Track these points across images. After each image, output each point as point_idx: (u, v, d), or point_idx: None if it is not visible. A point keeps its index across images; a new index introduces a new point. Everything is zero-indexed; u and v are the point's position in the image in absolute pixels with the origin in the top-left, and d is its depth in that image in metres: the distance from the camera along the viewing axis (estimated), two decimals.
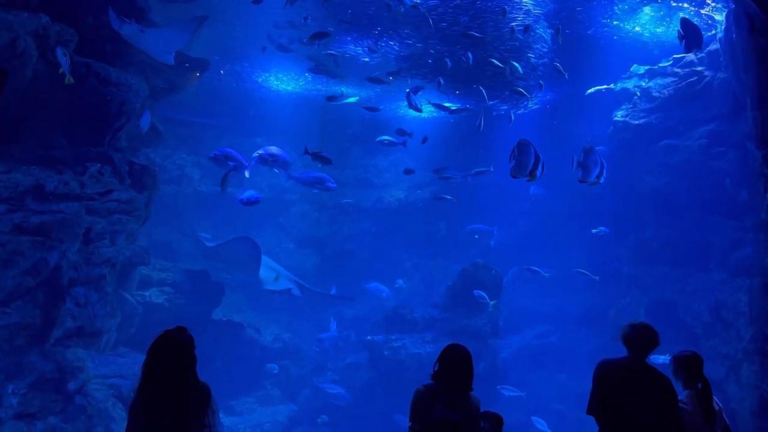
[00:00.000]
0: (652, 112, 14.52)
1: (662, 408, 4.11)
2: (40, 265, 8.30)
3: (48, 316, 8.54)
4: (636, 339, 4.34)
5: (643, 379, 4.21)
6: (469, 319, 14.53)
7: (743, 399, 10.62)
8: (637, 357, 4.32)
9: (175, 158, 16.73)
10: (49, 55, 8.72)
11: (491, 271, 15.07)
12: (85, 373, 9.01)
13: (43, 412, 8.43)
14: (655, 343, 4.35)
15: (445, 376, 4.07)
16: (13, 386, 8.19)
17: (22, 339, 8.35)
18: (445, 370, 4.09)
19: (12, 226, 7.95)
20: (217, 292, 13.82)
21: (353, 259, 18.43)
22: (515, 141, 7.53)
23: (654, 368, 4.30)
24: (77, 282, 8.96)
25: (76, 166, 8.89)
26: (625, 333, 4.40)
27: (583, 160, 7.94)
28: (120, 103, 9.55)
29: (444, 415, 3.81)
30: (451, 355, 4.16)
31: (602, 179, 8.10)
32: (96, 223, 8.97)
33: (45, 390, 8.58)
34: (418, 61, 13.88)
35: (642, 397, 4.14)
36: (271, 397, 14.04)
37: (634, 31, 13.18)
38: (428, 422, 3.86)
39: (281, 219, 18.56)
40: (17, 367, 8.29)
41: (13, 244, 7.95)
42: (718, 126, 13.15)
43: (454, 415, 3.81)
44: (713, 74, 13.35)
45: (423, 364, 13.08)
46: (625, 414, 4.16)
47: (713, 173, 12.98)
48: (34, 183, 8.25)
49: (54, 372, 8.72)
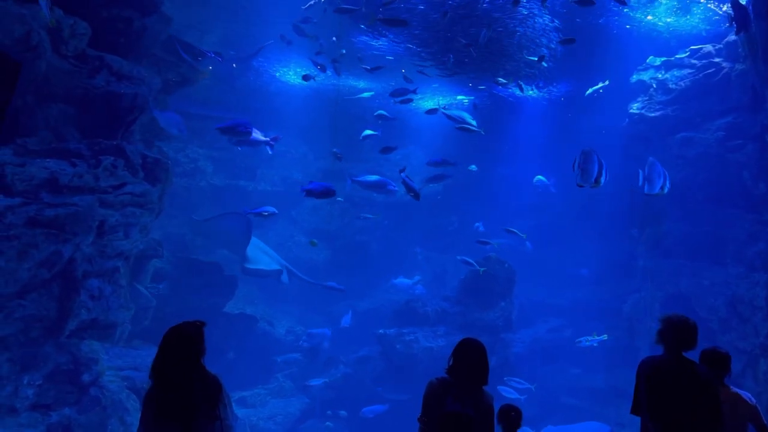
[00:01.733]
0: (668, 105, 14.32)
1: (703, 403, 3.99)
2: (54, 258, 8.35)
3: (62, 308, 8.60)
4: (669, 335, 4.20)
5: (683, 375, 4.08)
6: (482, 312, 14.49)
7: (760, 394, 10.51)
8: (674, 353, 4.18)
9: (189, 151, 16.80)
10: (62, 49, 8.76)
11: (504, 264, 15.03)
12: (99, 365, 9.08)
13: (58, 403, 8.51)
14: (690, 339, 4.17)
15: (459, 370, 4.02)
16: (28, 377, 8.27)
17: (38, 331, 8.42)
18: (459, 364, 4.04)
19: (26, 218, 7.99)
20: (229, 284, 13.88)
21: (365, 252, 18.43)
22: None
23: (693, 363, 4.16)
24: (91, 274, 9.00)
25: (90, 159, 8.93)
26: (660, 328, 4.26)
27: (582, 162, 7.77)
28: (133, 97, 9.56)
29: (454, 409, 3.76)
30: (466, 348, 4.11)
31: (602, 181, 7.92)
32: (110, 216, 9.00)
33: (60, 381, 8.66)
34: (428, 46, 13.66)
35: (683, 393, 4.03)
36: (284, 390, 14.10)
37: (648, 20, 12.97)
38: (438, 415, 3.82)
39: (293, 212, 18.59)
40: (33, 359, 8.36)
41: (28, 236, 7.99)
42: (736, 118, 12.94)
43: (465, 408, 3.75)
44: (731, 66, 13.13)
45: (435, 358, 13.07)
46: (669, 411, 4.05)
47: (731, 166, 12.78)
48: (48, 176, 8.29)
49: (69, 363, 8.79)
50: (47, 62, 8.62)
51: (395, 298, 16.20)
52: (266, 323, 15.47)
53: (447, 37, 13.02)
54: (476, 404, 3.85)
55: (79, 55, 9.08)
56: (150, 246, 11.54)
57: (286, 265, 15.14)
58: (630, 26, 13.17)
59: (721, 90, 13.27)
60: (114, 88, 9.36)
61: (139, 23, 9.97)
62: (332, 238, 18.55)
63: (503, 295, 14.88)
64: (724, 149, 13.00)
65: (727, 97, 13.15)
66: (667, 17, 12.80)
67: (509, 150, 17.69)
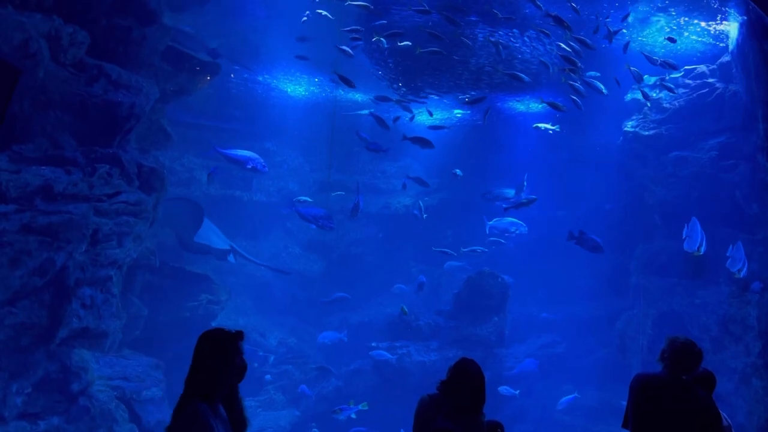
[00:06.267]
0: (662, 123, 14.45)
1: (701, 427, 3.98)
2: (47, 266, 8.32)
3: (54, 317, 8.55)
4: (671, 356, 4.19)
5: (679, 397, 4.06)
6: (475, 327, 14.46)
7: (751, 413, 10.52)
8: (673, 373, 4.17)
9: (184, 161, 16.77)
10: (61, 57, 8.78)
11: (497, 279, 15.01)
12: (89, 374, 9.03)
13: (46, 412, 8.45)
14: (690, 364, 4.15)
15: (451, 396, 3.76)
16: (17, 385, 8.21)
17: (28, 339, 8.36)
18: (452, 390, 3.77)
19: (20, 225, 7.97)
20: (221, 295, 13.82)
21: (360, 264, 18.39)
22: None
23: (691, 386, 4.13)
24: (84, 283, 8.97)
25: (86, 167, 8.93)
26: (664, 347, 4.26)
27: (689, 231, 9.42)
28: (130, 105, 9.58)
29: (444, 426, 3.67)
30: (461, 374, 3.76)
31: (703, 250, 10.01)
32: (103, 224, 8.99)
33: (49, 390, 8.60)
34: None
35: (677, 415, 4.02)
36: (275, 402, 14.02)
37: (643, 41, 13.10)
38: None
39: (288, 223, 18.58)
40: (22, 367, 8.30)
41: (21, 243, 7.97)
42: (729, 138, 13.07)
43: (456, 427, 3.64)
44: (724, 86, 13.28)
45: (427, 372, 13.01)
46: (658, 429, 4.05)
47: (724, 185, 12.88)
48: (43, 183, 8.28)
49: (58, 372, 8.74)
50: (45, 70, 8.63)
51: (389, 311, 16.16)
52: (258, 334, 15.39)
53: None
54: (467, 423, 3.77)
55: (77, 63, 9.10)
56: (143, 255, 11.51)
57: (234, 246, 15.05)
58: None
59: (715, 110, 13.41)
60: (111, 96, 9.37)
61: (139, 32, 10.00)
62: (327, 250, 18.52)
63: (496, 310, 14.86)
64: (717, 169, 13.11)
65: (721, 117, 13.29)
66: (661, 37, 12.94)
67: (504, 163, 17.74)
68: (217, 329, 3.52)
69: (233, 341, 3.45)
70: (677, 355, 4.18)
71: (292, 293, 17.38)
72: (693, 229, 9.86)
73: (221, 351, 3.39)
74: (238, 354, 3.46)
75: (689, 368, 4.17)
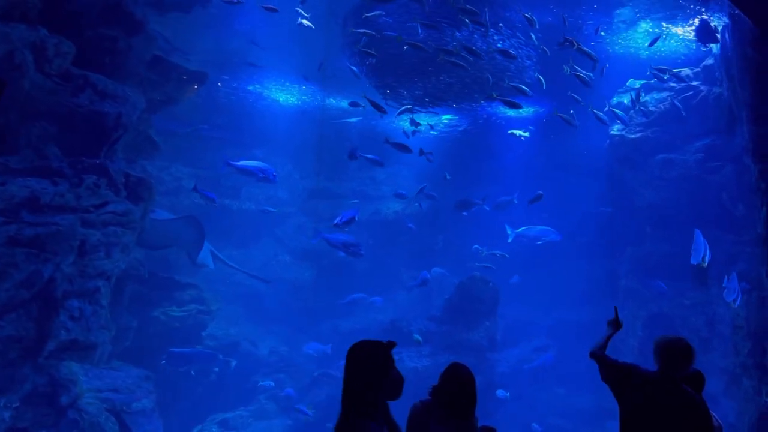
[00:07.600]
0: (648, 126, 14.57)
1: (691, 426, 3.96)
2: (34, 278, 8.24)
3: (42, 329, 8.47)
4: (662, 354, 4.19)
5: (667, 392, 4.06)
6: (467, 332, 14.45)
7: (742, 413, 10.56)
8: (663, 372, 4.17)
9: (172, 170, 16.70)
10: (46, 68, 8.73)
11: (488, 284, 15.04)
12: (78, 387, 8.92)
13: (35, 426, 8.34)
14: (679, 362, 4.12)
15: (443, 401, 3.81)
16: (5, 400, 8.10)
17: (16, 352, 8.27)
18: (444, 395, 3.83)
19: (6, 238, 7.89)
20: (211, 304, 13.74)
21: (350, 271, 18.34)
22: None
23: (680, 385, 4.11)
24: (71, 294, 8.89)
25: (72, 177, 8.86)
26: (654, 347, 4.27)
27: (694, 244, 9.65)
28: (117, 116, 9.54)
29: (437, 431, 3.70)
30: (452, 378, 3.82)
31: (707, 261, 10.10)
32: (91, 235, 8.92)
33: (37, 404, 8.48)
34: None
35: (664, 411, 4.03)
36: (266, 411, 13.90)
37: (627, 45, 13.24)
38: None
39: (278, 231, 18.52)
40: (10, 381, 8.20)
41: (8, 256, 7.90)
42: (714, 140, 13.20)
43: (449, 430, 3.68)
44: (708, 89, 13.43)
45: (420, 378, 12.90)
46: (645, 426, 4.06)
47: (710, 187, 13.00)
48: (29, 195, 8.21)
49: (47, 385, 8.63)
50: (31, 81, 8.58)
51: (381, 317, 16.13)
52: (249, 343, 15.30)
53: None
54: (459, 428, 3.79)
55: (63, 73, 9.06)
56: (132, 266, 11.42)
57: (212, 249, 14.97)
58: (611, 50, 13.44)
59: (700, 112, 13.55)
60: (98, 106, 9.32)
61: (125, 43, 9.97)
62: (318, 258, 18.47)
63: (487, 315, 14.87)
64: (704, 171, 13.23)
65: (706, 119, 13.42)
66: (645, 41, 13.08)
67: (494, 170, 17.80)
68: (368, 341, 3.27)
69: (387, 352, 3.21)
70: (668, 353, 4.20)
71: (283, 301, 17.30)
72: (696, 241, 9.92)
73: (380, 364, 3.18)
74: (394, 366, 3.23)
75: (680, 366, 4.19)
